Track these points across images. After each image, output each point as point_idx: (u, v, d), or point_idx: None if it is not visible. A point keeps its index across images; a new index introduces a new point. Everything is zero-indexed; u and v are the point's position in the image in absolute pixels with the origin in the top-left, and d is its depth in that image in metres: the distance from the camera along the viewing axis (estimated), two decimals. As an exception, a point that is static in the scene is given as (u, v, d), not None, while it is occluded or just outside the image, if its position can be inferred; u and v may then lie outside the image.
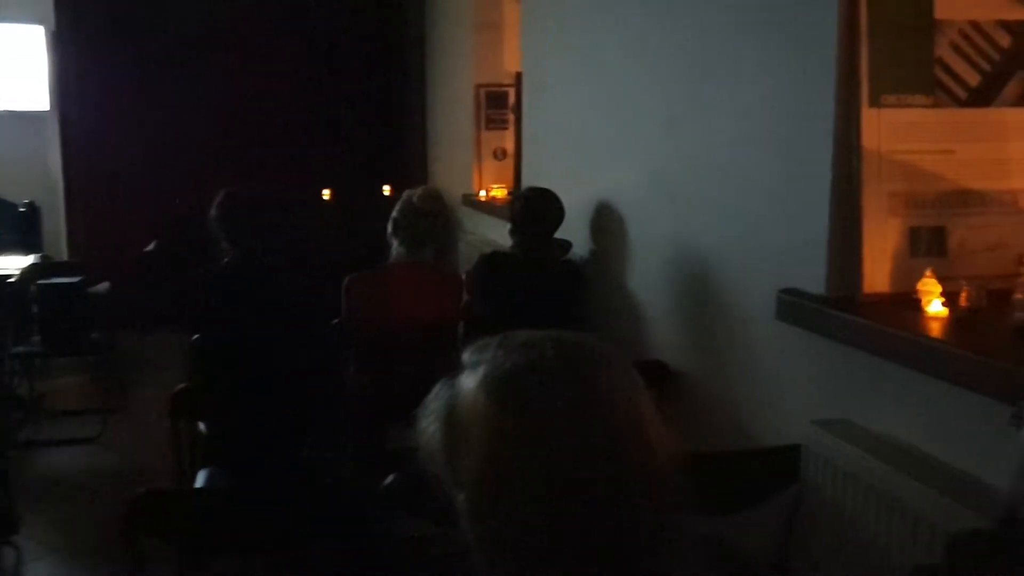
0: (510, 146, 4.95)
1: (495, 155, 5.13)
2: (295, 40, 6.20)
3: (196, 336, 2.91)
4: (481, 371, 0.97)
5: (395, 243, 3.25)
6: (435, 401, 0.99)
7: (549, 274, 3.29)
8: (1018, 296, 1.81)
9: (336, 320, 3.08)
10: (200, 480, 2.70)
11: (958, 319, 1.80)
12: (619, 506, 0.90)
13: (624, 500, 0.91)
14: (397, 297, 3.06)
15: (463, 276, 3.36)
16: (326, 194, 5.95)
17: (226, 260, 2.93)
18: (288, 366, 2.91)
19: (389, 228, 3.28)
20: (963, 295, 1.84)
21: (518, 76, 4.42)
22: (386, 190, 5.60)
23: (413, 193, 3.30)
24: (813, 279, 2.11)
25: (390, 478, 1.85)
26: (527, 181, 4.09)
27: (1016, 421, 1.06)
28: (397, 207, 3.27)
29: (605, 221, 3.37)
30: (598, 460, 0.90)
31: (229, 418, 2.82)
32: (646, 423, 0.94)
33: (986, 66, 2.03)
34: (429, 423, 0.99)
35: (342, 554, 1.98)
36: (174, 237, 5.16)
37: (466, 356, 1.02)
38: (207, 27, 6.04)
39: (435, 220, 3.19)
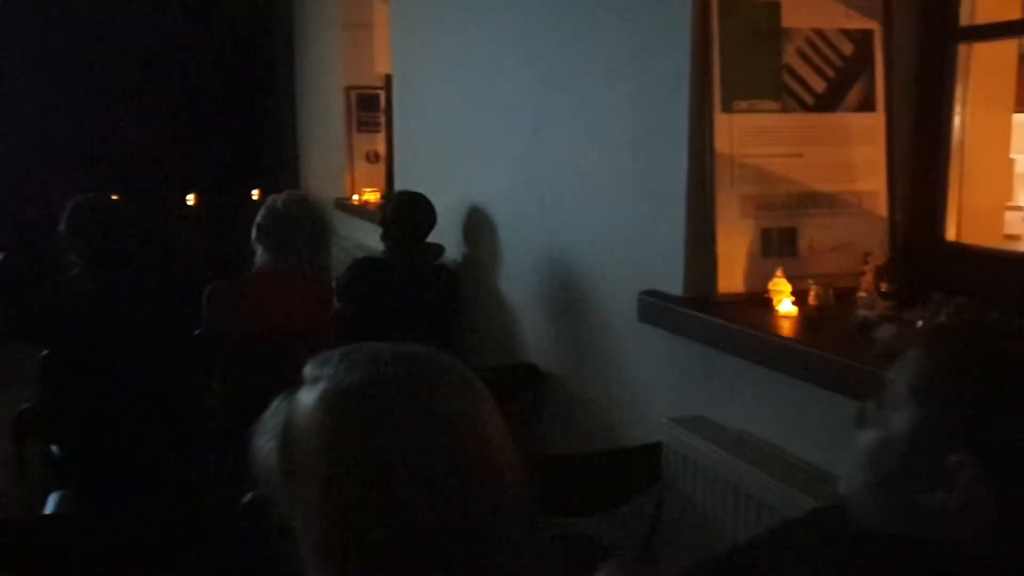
0: (383, 149, 4.90)
1: (368, 158, 5.06)
2: (156, 40, 5.96)
3: (45, 353, 2.76)
4: (320, 386, 0.94)
5: (259, 250, 3.15)
6: (272, 418, 0.96)
7: (422, 279, 3.26)
8: (862, 294, 1.90)
9: (197, 332, 2.96)
10: (51, 505, 2.56)
11: (807, 317, 1.87)
12: (465, 520, 0.89)
13: (470, 514, 0.89)
14: (262, 306, 2.97)
15: (334, 282, 3.29)
16: (190, 199, 5.75)
17: (75, 272, 2.79)
18: (146, 381, 2.79)
19: (253, 234, 3.18)
20: (811, 294, 1.91)
21: (388, 78, 4.37)
22: (255, 194, 5.45)
23: (278, 198, 3.20)
24: (672, 280, 2.16)
25: (248, 496, 1.78)
26: (399, 185, 4.05)
27: (859, 421, 1.09)
28: (261, 212, 3.17)
29: (477, 225, 3.37)
30: (441, 477, 0.88)
31: (83, 438, 2.68)
32: (489, 436, 0.93)
33: (831, 72, 2.11)
34: (266, 441, 0.95)
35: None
36: (23, 249, 4.88)
37: (307, 370, 0.99)
38: (59, 27, 5.73)
39: (301, 225, 3.11)
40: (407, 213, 3.25)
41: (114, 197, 3.21)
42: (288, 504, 0.92)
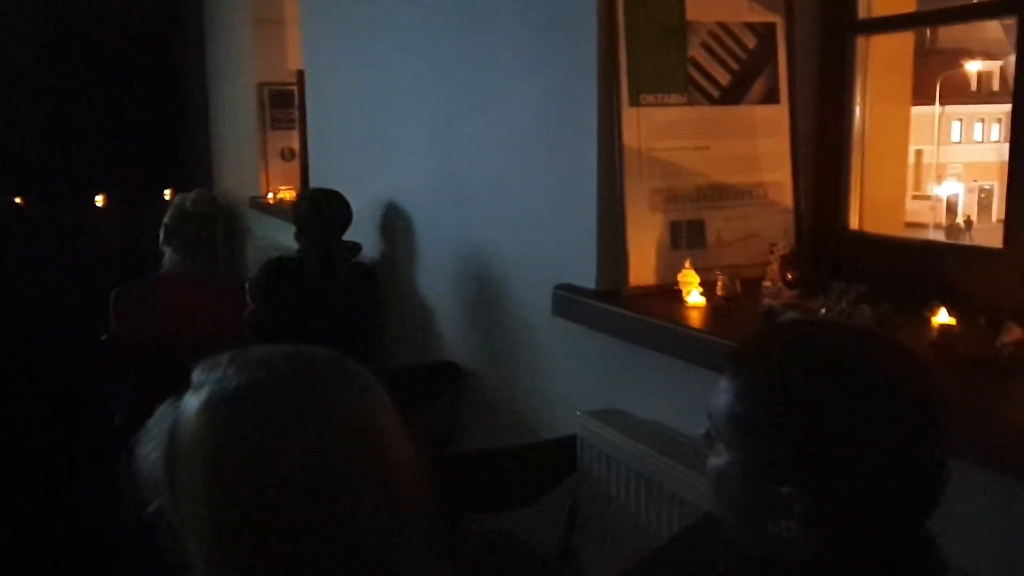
0: (297, 146, 4.82)
1: (282, 155, 4.97)
2: (61, 36, 5.74)
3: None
4: (206, 391, 0.91)
5: (168, 251, 3.07)
6: (157, 425, 0.92)
7: (337, 277, 3.22)
8: (767, 284, 1.93)
9: (105, 336, 2.87)
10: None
11: (714, 308, 1.89)
12: (358, 526, 0.87)
13: (364, 518, 0.87)
14: (171, 309, 2.90)
15: (246, 283, 3.22)
16: (99, 200, 5.56)
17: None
18: (51, 387, 2.69)
19: (161, 235, 3.10)
20: (719, 285, 1.94)
21: (300, 74, 4.30)
22: (167, 194, 5.30)
23: (186, 197, 3.13)
24: (585, 274, 2.17)
25: (153, 504, 1.73)
26: (314, 182, 3.98)
27: (707, 442, 1.04)
28: (169, 212, 3.09)
29: (393, 221, 3.33)
30: (334, 482, 0.86)
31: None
32: (386, 437, 0.91)
33: (735, 66, 2.14)
34: (151, 450, 0.91)
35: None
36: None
37: (195, 374, 0.95)
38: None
39: (210, 225, 3.04)
40: (321, 211, 3.20)
41: (17, 200, 3.09)
42: (176, 514, 0.89)
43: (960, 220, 26.27)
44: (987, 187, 26.26)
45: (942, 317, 1.59)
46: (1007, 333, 1.39)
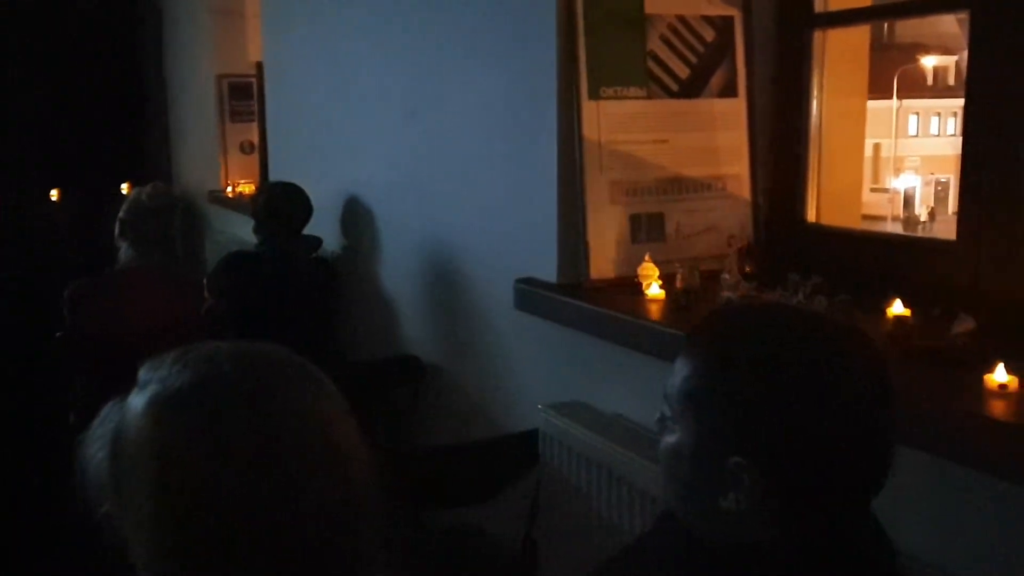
0: (258, 139, 4.76)
1: (242, 148, 4.91)
2: (14, 27, 5.61)
3: None
4: (150, 390, 0.89)
5: (123, 246, 3.02)
6: (102, 425, 0.90)
7: (298, 272, 3.19)
8: (725, 276, 1.94)
9: (59, 334, 2.82)
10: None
11: (674, 300, 1.90)
12: (302, 526, 0.85)
13: (313, 519, 0.86)
14: (127, 305, 2.85)
15: (204, 278, 3.18)
16: (54, 195, 5.46)
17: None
18: (3, 385, 2.63)
19: (116, 230, 3.05)
20: (678, 277, 1.94)
21: (260, 66, 4.24)
22: (124, 188, 5.21)
23: (142, 191, 3.08)
24: (546, 267, 2.17)
25: (105, 505, 1.70)
26: (274, 175, 3.94)
27: (660, 426, 1.05)
28: (124, 206, 3.04)
29: (355, 215, 3.31)
30: (280, 482, 0.84)
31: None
32: (336, 435, 0.89)
33: (693, 59, 2.15)
34: (96, 451, 0.89)
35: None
36: None
37: (140, 373, 0.93)
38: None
39: (167, 219, 2.99)
40: (280, 205, 3.17)
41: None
42: (122, 514, 0.87)
43: (922, 212, 26.69)
44: (943, 180, 26.71)
45: (897, 308, 1.61)
46: (959, 324, 1.42)
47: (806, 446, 0.94)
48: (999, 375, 1.26)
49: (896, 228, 24.99)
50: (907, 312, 1.59)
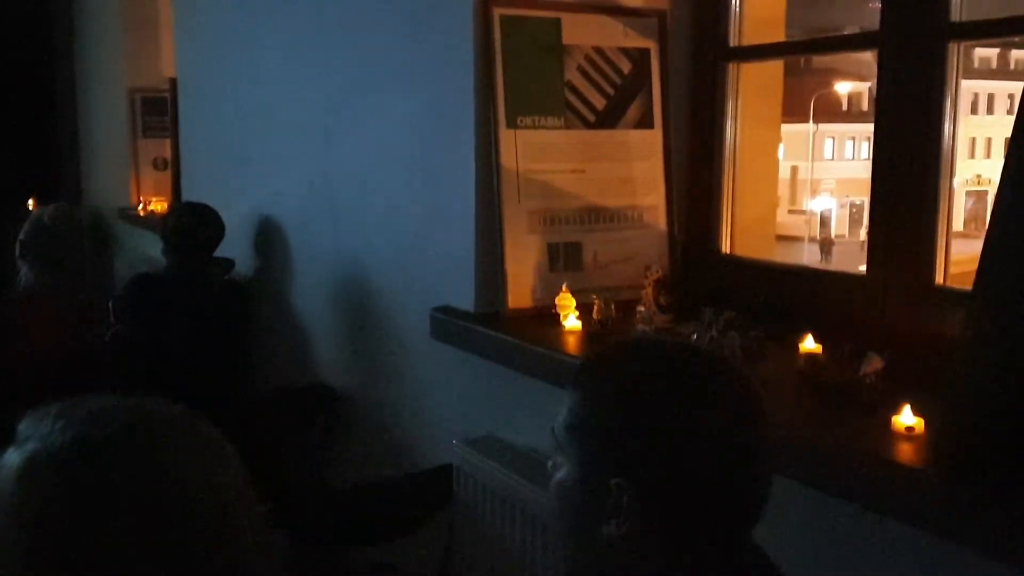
0: (171, 155, 4.63)
1: (155, 164, 4.77)
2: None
3: None
4: (30, 447, 0.83)
5: (24, 268, 2.88)
6: None
7: (208, 295, 3.08)
8: (640, 308, 1.93)
9: (-50, 360, 2.67)
10: None
11: (590, 332, 1.88)
12: None
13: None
14: (26, 331, 2.71)
15: (110, 301, 3.06)
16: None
17: None
18: None
19: (17, 251, 2.91)
20: (595, 308, 1.93)
21: (174, 81, 4.12)
22: (30, 204, 5.00)
23: (44, 211, 2.95)
24: (463, 296, 2.13)
25: None
26: (187, 194, 3.82)
27: (552, 467, 1.09)
28: (25, 227, 2.90)
29: (269, 237, 3.22)
30: (166, 545, 0.80)
31: None
32: (225, 493, 0.85)
33: (610, 90, 2.14)
34: None
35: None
36: None
37: (21, 426, 0.87)
38: None
39: (70, 240, 2.87)
40: (190, 226, 3.06)
41: None
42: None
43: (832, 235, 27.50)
44: (858, 202, 27.60)
45: (809, 344, 1.62)
46: (868, 363, 1.42)
47: (676, 467, 0.98)
48: (906, 417, 1.27)
49: (813, 249, 25.72)
50: (818, 348, 1.60)
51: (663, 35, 2.15)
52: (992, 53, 29.29)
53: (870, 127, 1.85)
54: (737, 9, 2.12)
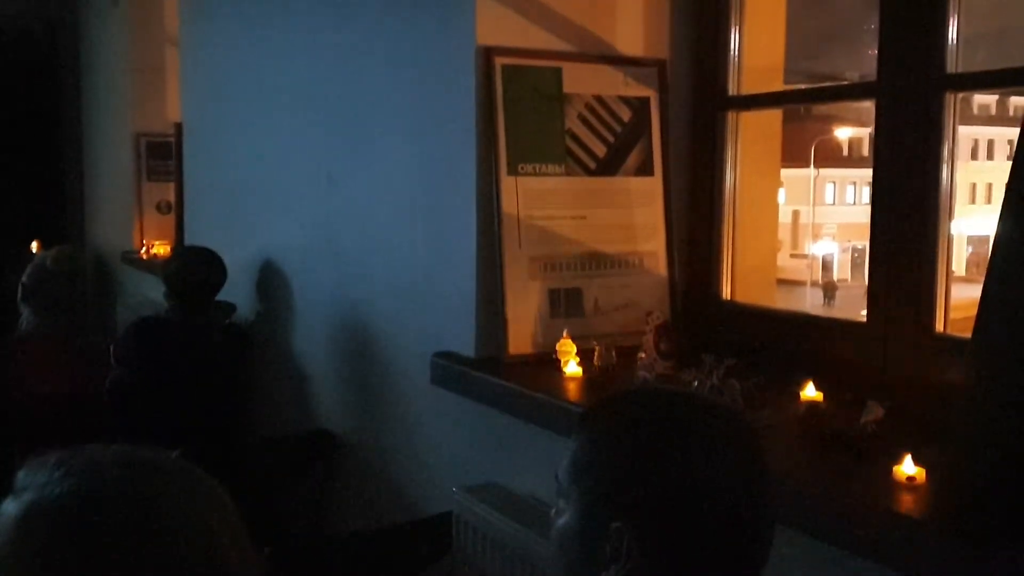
0: (175, 199, 4.66)
1: (159, 208, 4.80)
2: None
3: None
4: (27, 497, 0.83)
5: (26, 311, 2.89)
6: None
7: (210, 340, 3.08)
8: (641, 356, 1.93)
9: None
10: None
11: (591, 379, 1.88)
12: None
13: None
14: (27, 374, 2.71)
15: (111, 346, 3.06)
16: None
17: None
18: None
19: (19, 294, 2.92)
20: (596, 355, 1.93)
21: (179, 126, 4.17)
22: (34, 246, 5.03)
23: (47, 255, 2.97)
24: (464, 342, 2.13)
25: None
26: (190, 237, 3.84)
27: (555, 514, 1.09)
28: (27, 270, 2.92)
29: (270, 281, 3.23)
30: None
31: None
32: (222, 547, 0.84)
33: (611, 138, 2.17)
34: None
35: None
36: None
37: (19, 475, 0.87)
38: None
39: (72, 284, 2.88)
40: (193, 270, 3.07)
41: None
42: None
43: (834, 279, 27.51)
44: (860, 247, 27.64)
45: (809, 392, 1.61)
46: (868, 412, 1.42)
47: (676, 513, 0.99)
48: (907, 467, 1.26)
49: (815, 292, 25.71)
50: (819, 396, 1.59)
51: (663, 84, 2.18)
52: (991, 100, 29.56)
53: (870, 172, 1.86)
54: (736, 58, 2.15)
